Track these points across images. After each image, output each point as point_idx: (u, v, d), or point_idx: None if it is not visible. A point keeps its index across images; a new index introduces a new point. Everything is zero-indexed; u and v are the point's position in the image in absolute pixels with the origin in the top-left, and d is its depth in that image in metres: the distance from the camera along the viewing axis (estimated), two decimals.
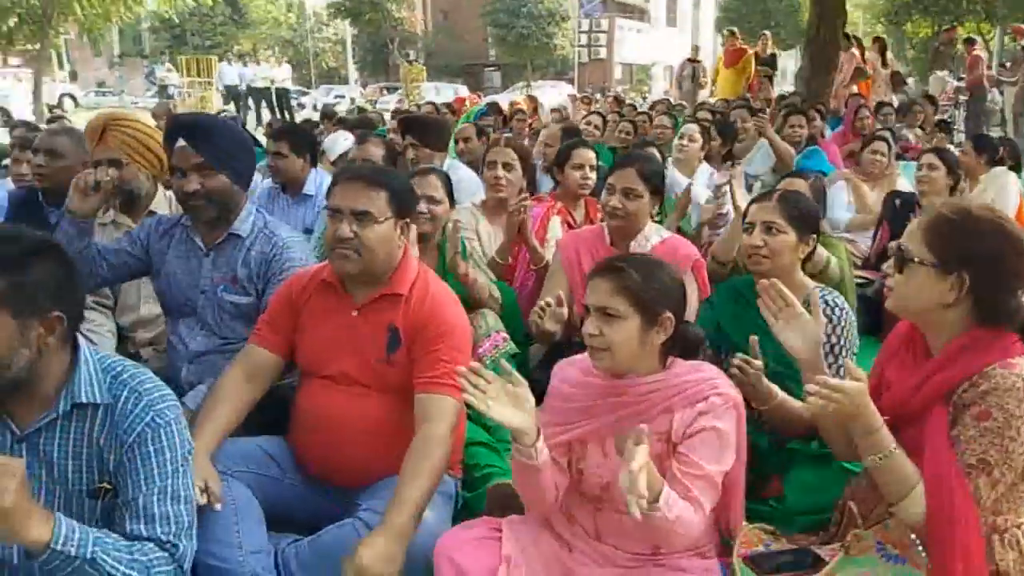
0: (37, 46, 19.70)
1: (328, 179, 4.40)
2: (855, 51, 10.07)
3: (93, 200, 2.43)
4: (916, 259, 1.69)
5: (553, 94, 18.49)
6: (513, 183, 3.34)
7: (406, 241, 2.17)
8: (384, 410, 2.11)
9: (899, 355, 1.85)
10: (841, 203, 5.11)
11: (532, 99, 10.82)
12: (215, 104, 17.83)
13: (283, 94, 19.28)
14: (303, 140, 4.19)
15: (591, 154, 3.68)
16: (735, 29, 12.61)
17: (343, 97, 25.27)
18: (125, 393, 1.62)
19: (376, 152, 3.76)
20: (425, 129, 4.15)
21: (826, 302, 2.37)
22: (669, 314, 1.78)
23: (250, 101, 18.75)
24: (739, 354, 2.04)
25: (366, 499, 2.06)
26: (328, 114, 8.85)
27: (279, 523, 2.12)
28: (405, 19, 35.68)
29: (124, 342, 3.07)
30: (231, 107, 17.17)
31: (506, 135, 5.48)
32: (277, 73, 19.40)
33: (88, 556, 1.43)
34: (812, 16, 9.24)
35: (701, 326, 2.51)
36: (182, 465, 1.64)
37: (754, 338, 2.09)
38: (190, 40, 34.37)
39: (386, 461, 2.09)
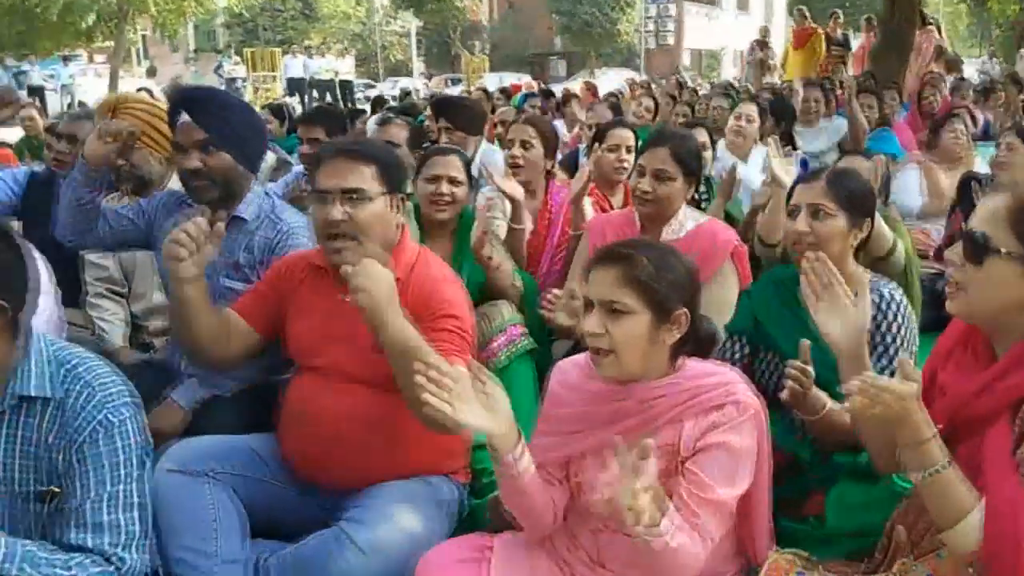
0: (112, 43, 20.40)
1: None
2: (932, 29, 9.45)
3: (108, 148, 2.31)
4: (1002, 250, 1.39)
5: (616, 80, 18.08)
6: (532, 161, 3.11)
7: (404, 219, 2.00)
8: (377, 408, 1.92)
9: (955, 356, 1.57)
10: (912, 189, 4.68)
11: (590, 85, 10.54)
12: (278, 95, 18.10)
13: (347, 86, 19.44)
14: (338, 125, 4.05)
15: (628, 134, 3.42)
16: (804, 8, 12.02)
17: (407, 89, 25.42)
18: (78, 387, 1.48)
19: (399, 134, 3.57)
20: (457, 112, 3.95)
21: (881, 295, 2.09)
22: (684, 310, 1.54)
23: (314, 93, 18.95)
24: (792, 360, 1.78)
25: (353, 505, 1.89)
26: (379, 102, 8.77)
27: (266, 529, 1.97)
28: (467, 8, 35.62)
29: (138, 331, 3.00)
30: (295, 98, 17.38)
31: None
32: (340, 65, 19.59)
33: (13, 574, 1.29)
34: None
35: (738, 322, 2.28)
36: (136, 469, 1.50)
37: (805, 342, 1.81)
38: (262, 35, 35.04)
39: (378, 464, 1.93)
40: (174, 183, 3.03)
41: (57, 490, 1.48)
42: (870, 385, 1.34)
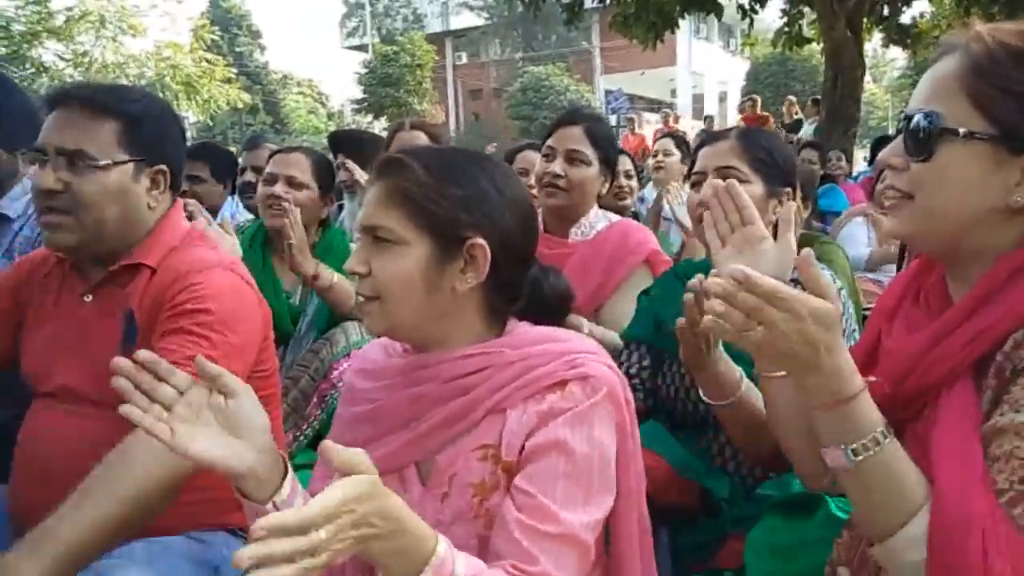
0: None
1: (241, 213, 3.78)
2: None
3: None
4: (960, 130, 0.94)
5: None
6: None
7: (165, 200, 1.52)
8: (121, 439, 1.39)
9: (903, 312, 1.10)
10: (860, 240, 4.44)
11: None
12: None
13: None
14: (225, 163, 3.65)
15: (535, 157, 3.04)
16: (755, 97, 12.11)
17: None
18: None
19: (264, 155, 3.11)
20: (358, 146, 3.52)
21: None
22: (481, 240, 1.06)
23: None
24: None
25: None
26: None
27: None
28: (427, 111, 36.32)
29: None
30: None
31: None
32: None
33: None
34: (828, 70, 8.74)
35: (637, 327, 1.81)
36: None
37: (680, 320, 1.36)
38: (233, 146, 35.30)
39: None
40: None
41: None
42: (742, 280, 0.83)
